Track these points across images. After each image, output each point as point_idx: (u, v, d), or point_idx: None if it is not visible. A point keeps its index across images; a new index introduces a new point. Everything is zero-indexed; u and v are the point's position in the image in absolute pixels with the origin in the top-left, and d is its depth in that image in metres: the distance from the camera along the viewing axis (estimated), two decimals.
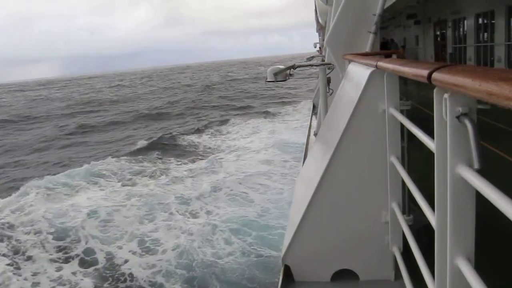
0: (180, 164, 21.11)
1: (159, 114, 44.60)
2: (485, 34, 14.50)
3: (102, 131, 37.55)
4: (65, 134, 36.52)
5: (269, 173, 17.54)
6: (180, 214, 13.74)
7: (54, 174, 19.79)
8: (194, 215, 13.71)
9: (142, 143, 26.81)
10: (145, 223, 13.15)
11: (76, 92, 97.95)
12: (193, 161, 21.59)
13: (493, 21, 13.55)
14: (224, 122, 34.16)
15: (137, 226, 12.88)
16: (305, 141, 12.40)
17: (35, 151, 30.27)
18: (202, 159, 21.63)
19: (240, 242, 11.24)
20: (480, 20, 14.71)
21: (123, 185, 17.51)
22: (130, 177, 18.90)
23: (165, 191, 16.19)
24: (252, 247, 10.95)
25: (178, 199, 15.17)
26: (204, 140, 27.82)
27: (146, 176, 18.97)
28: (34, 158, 27.85)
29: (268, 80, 7.56)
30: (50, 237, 12.36)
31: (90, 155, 26.25)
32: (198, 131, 30.98)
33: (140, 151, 24.70)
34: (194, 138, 28.60)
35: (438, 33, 19.35)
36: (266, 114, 36.77)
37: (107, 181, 18.34)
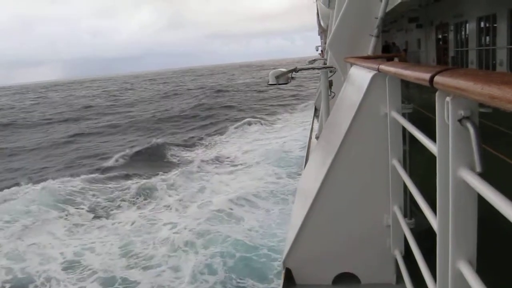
0: (166, 182, 18.83)
1: (157, 120, 43.49)
2: (487, 38, 14.51)
3: (97, 136, 36.89)
4: (56, 140, 35.85)
5: (262, 190, 16.27)
6: (161, 246, 12.28)
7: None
8: (178, 246, 12.14)
9: (123, 157, 24.72)
10: (120, 259, 11.76)
11: (75, 96, 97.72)
12: (182, 178, 19.35)
13: (495, 25, 13.55)
14: (222, 129, 32.92)
15: (111, 267, 11.42)
16: (304, 152, 12.20)
17: (20, 157, 29.70)
18: (193, 174, 19.87)
19: (222, 270, 10.46)
20: (482, 24, 14.72)
21: (96, 217, 15.37)
22: (105, 204, 16.63)
23: (147, 220, 14.48)
24: (233, 276, 10.25)
25: (162, 227, 13.71)
26: (197, 153, 25.91)
27: (124, 201, 16.73)
28: (19, 165, 27.05)
29: (270, 83, 7.55)
30: (8, 286, 10.89)
31: (66, 167, 24.89)
32: (192, 142, 29.28)
33: (121, 167, 22.64)
34: (186, 150, 26.71)
35: (440, 36, 19.35)
36: (266, 118, 36.28)
37: (76, 208, 16.09)
